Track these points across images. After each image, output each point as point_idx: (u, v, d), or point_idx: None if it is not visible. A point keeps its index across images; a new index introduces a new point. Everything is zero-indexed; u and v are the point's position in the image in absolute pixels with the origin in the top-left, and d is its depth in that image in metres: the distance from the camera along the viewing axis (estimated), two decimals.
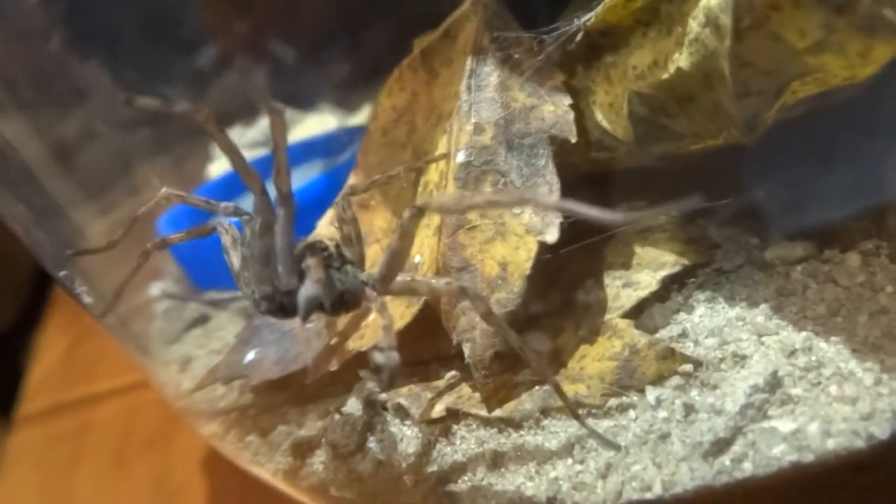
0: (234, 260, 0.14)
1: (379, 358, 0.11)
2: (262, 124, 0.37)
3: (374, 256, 0.19)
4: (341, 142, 0.34)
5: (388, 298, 0.16)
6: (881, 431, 0.12)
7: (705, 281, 0.16)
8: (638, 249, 0.17)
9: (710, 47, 0.13)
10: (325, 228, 0.20)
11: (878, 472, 0.12)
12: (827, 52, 0.11)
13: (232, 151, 0.12)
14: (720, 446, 0.13)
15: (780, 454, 0.12)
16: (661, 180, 0.18)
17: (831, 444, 0.12)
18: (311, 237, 0.16)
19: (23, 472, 0.39)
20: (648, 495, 0.13)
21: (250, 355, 0.20)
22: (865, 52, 0.11)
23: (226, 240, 0.14)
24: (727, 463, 0.13)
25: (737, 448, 0.13)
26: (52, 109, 0.23)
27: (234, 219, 0.14)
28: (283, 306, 0.13)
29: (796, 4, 0.11)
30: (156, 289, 0.29)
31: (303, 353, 0.19)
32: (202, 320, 0.26)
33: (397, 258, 0.14)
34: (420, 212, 0.13)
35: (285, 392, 0.20)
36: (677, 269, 0.16)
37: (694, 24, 0.13)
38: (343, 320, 0.19)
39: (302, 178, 0.33)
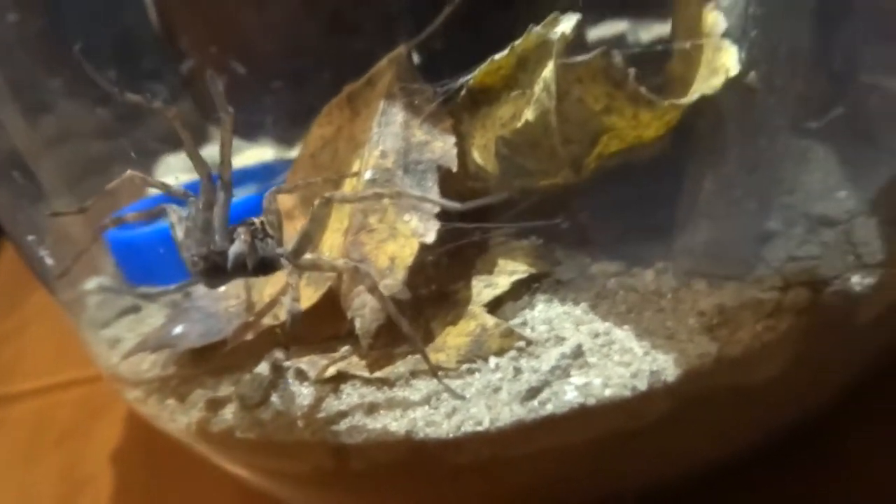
0: (179, 232, 0.18)
1: (292, 308, 0.15)
2: (204, 152, 0.40)
3: None
4: (276, 171, 0.38)
5: (305, 284, 0.21)
6: (641, 384, 0.17)
7: (547, 287, 0.21)
8: (500, 261, 0.22)
9: (545, 106, 0.18)
10: None
11: (652, 413, 0.17)
12: (613, 114, 0.17)
13: (189, 144, 0.16)
14: (532, 394, 0.17)
15: (572, 399, 0.17)
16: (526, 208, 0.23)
17: (607, 392, 0.17)
18: None
19: None
20: (479, 428, 0.17)
21: (178, 329, 0.23)
22: (635, 115, 0.16)
23: (173, 218, 0.18)
24: (536, 405, 0.17)
25: (544, 395, 0.17)
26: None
27: (182, 201, 0.18)
28: (215, 264, 0.17)
29: (592, 79, 0.16)
30: (92, 283, 0.32)
31: (224, 329, 0.23)
32: (134, 310, 0.29)
33: (307, 237, 0.18)
34: (328, 201, 0.17)
35: (203, 366, 0.23)
36: (525, 275, 0.21)
37: (537, 89, 0.18)
38: (261, 302, 0.23)
39: (238, 197, 0.37)
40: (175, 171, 0.40)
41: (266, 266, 0.18)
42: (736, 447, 0.21)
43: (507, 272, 0.21)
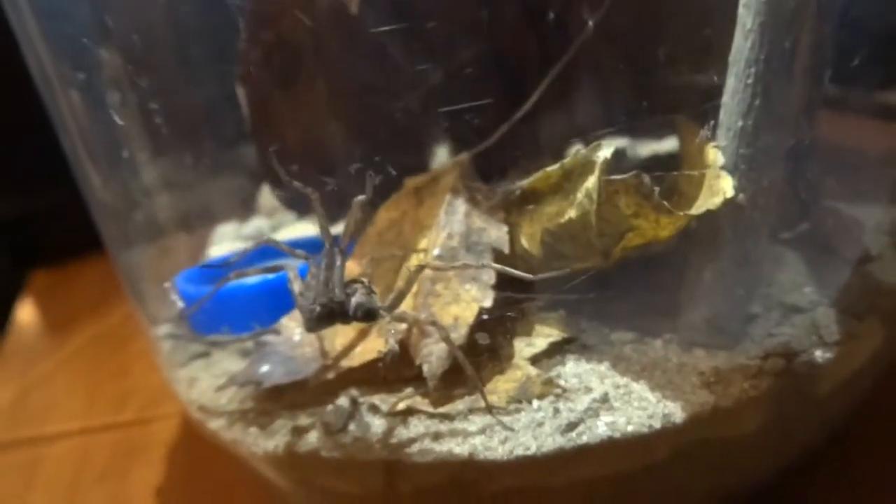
0: (296, 287, 0.23)
1: (393, 347, 0.20)
2: (254, 223, 0.46)
3: None
4: (319, 244, 0.43)
5: (375, 336, 0.26)
6: (656, 423, 0.22)
7: (575, 350, 0.26)
8: (537, 326, 0.27)
9: (585, 208, 0.23)
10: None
11: (664, 449, 0.22)
12: (640, 218, 0.22)
13: (323, 221, 0.22)
14: (571, 427, 0.22)
15: (602, 432, 0.22)
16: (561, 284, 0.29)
17: (630, 428, 0.22)
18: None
19: None
20: (528, 453, 0.22)
21: (264, 368, 0.28)
22: (657, 220, 0.22)
23: (291, 275, 0.23)
24: (574, 436, 0.22)
25: (580, 429, 0.22)
26: None
27: (302, 262, 0.23)
28: (331, 311, 0.22)
29: (626, 192, 0.22)
30: (161, 330, 0.36)
31: (303, 370, 0.27)
32: (204, 355, 0.33)
33: (401, 294, 0.23)
34: (422, 267, 0.23)
35: (279, 403, 0.28)
36: (559, 339, 0.26)
37: (579, 195, 0.24)
38: (332, 350, 0.28)
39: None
40: (228, 238, 0.45)
41: (370, 316, 0.23)
42: (725, 491, 0.25)
43: (544, 335, 0.26)
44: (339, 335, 0.29)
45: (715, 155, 0.23)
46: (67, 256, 0.79)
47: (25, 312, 0.73)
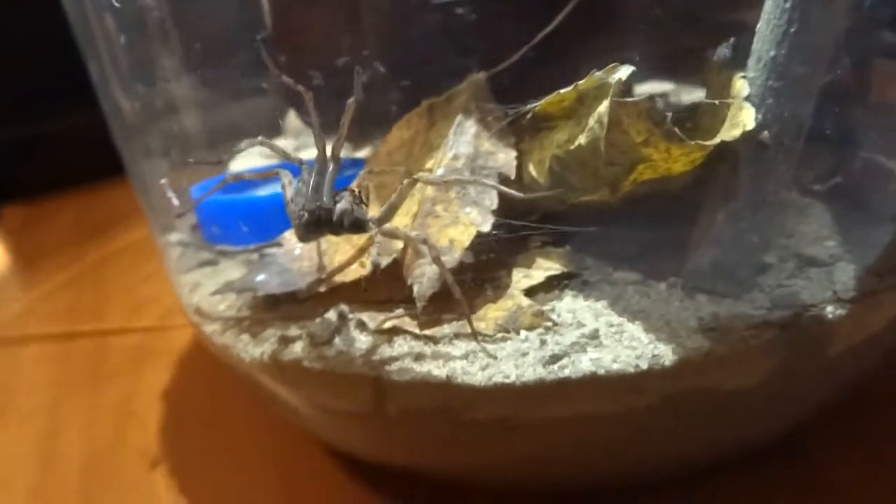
0: (289, 192, 0.22)
1: (375, 259, 0.20)
2: (278, 143, 0.45)
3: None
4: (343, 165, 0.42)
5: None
6: (643, 364, 0.21)
7: (574, 286, 0.25)
8: (538, 259, 0.26)
9: (596, 133, 0.22)
10: None
11: (651, 392, 0.21)
12: (650, 147, 0.21)
13: (316, 121, 0.21)
14: (554, 360, 0.21)
15: (586, 367, 0.21)
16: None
17: (615, 366, 0.21)
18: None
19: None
20: (507, 381, 0.21)
21: (261, 277, 0.28)
22: (668, 150, 0.21)
23: (284, 180, 0.23)
24: (556, 368, 0.21)
25: (563, 362, 0.21)
26: None
27: (295, 165, 0.23)
28: (319, 218, 0.21)
29: (637, 116, 0.20)
30: (174, 237, 0.36)
31: (298, 283, 0.27)
32: (212, 262, 0.34)
33: (392, 208, 0.22)
34: (414, 181, 0.22)
35: (274, 314, 0.28)
36: (558, 272, 0.25)
37: (591, 120, 0.22)
38: (331, 266, 0.27)
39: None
40: (249, 156, 0.44)
41: (358, 226, 0.22)
42: (718, 447, 0.24)
43: (544, 268, 0.25)
44: (339, 252, 0.28)
45: (742, 85, 0.21)
46: (42, 193, 0.74)
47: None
